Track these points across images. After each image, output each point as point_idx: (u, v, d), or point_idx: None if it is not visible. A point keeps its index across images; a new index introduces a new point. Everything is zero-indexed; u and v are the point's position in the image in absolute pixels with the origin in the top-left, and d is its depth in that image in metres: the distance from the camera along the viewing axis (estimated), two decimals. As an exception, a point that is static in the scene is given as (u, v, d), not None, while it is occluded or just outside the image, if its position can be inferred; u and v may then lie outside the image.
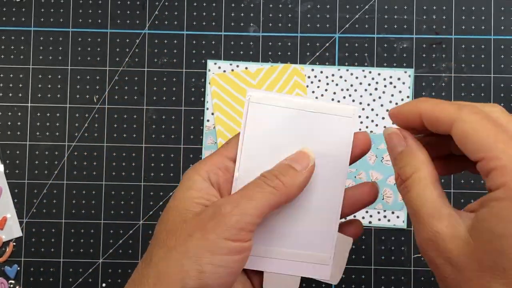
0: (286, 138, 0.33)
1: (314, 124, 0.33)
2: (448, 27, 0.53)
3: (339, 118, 0.33)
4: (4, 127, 0.53)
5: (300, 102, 0.33)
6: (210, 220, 0.29)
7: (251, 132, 0.33)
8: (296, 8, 0.54)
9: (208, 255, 0.28)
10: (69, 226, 0.52)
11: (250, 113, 0.33)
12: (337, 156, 0.33)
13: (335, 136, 0.33)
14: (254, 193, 0.30)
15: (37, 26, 0.54)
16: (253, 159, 0.33)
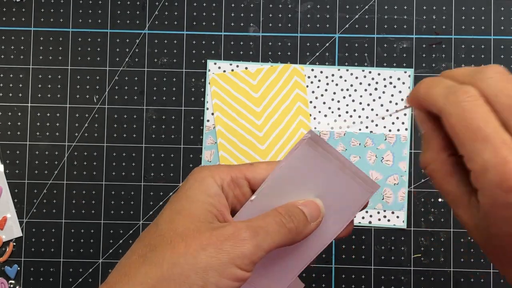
0: (310, 183, 0.33)
1: (340, 181, 0.33)
2: (448, 27, 0.53)
3: (363, 187, 0.34)
4: (4, 127, 0.53)
5: (341, 160, 0.33)
6: (227, 241, 0.29)
7: (288, 166, 0.33)
8: (296, 8, 0.54)
9: (216, 275, 0.28)
10: (69, 226, 0.52)
11: (299, 151, 0.33)
12: (341, 216, 0.34)
13: (350, 199, 0.34)
14: (272, 228, 0.30)
15: (37, 26, 0.54)
16: (274, 190, 0.33)
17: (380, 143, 0.52)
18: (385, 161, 0.52)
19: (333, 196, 0.33)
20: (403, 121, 0.52)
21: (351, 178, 0.33)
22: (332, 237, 0.34)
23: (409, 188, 0.52)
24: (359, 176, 0.33)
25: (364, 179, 0.33)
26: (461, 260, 0.51)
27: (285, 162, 0.33)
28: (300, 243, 0.33)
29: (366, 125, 0.52)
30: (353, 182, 0.33)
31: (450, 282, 0.51)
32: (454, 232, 0.52)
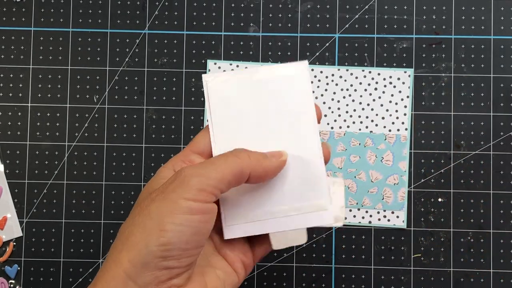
0: (251, 110, 0.34)
1: (273, 89, 0.34)
2: (448, 27, 0.53)
3: (293, 76, 0.34)
4: (4, 127, 0.53)
5: (254, 73, 0.34)
6: (172, 183, 0.30)
7: (217, 114, 0.34)
8: (296, 8, 0.54)
9: (169, 214, 0.29)
10: (69, 226, 0.53)
11: (211, 97, 0.34)
12: (303, 109, 0.34)
13: (295, 92, 0.34)
14: (217, 160, 0.31)
15: (37, 26, 0.54)
16: (226, 140, 0.34)
17: (380, 143, 0.52)
18: (385, 161, 0.52)
19: (280, 104, 0.34)
20: (403, 121, 0.52)
21: (276, 79, 0.34)
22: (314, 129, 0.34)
23: (409, 188, 0.52)
24: (281, 70, 0.34)
25: (288, 67, 0.34)
26: (461, 260, 0.51)
27: (210, 114, 0.34)
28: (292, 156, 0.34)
29: (366, 125, 0.52)
30: (281, 81, 0.34)
31: (450, 282, 0.51)
32: (454, 232, 0.52)
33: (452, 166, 0.52)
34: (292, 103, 0.34)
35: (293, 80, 0.34)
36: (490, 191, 0.52)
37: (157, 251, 0.28)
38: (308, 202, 0.34)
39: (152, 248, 0.28)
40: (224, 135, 0.34)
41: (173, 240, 0.28)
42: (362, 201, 0.52)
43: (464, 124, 0.53)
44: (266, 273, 0.52)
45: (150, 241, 0.28)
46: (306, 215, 0.34)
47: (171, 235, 0.28)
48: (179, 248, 0.29)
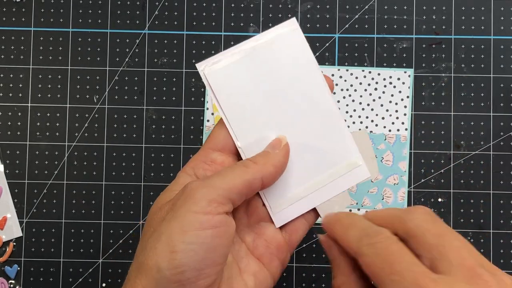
0: (258, 89, 0.33)
1: (270, 56, 0.34)
2: (448, 27, 0.53)
3: (284, 35, 0.34)
4: (4, 127, 0.53)
5: (246, 44, 0.34)
6: (179, 198, 0.28)
7: (225, 101, 0.33)
8: (296, 8, 0.54)
9: (179, 233, 0.27)
10: (69, 226, 0.53)
11: (212, 83, 0.33)
12: (307, 69, 0.34)
13: (292, 54, 0.34)
14: (223, 171, 0.30)
15: (37, 26, 0.54)
16: (244, 122, 0.33)
17: (380, 143, 0.52)
18: (385, 161, 0.52)
19: (283, 70, 0.33)
20: (403, 121, 0.52)
21: (271, 45, 0.33)
22: (325, 88, 0.34)
23: (409, 188, 0.52)
24: (272, 36, 0.34)
25: (276, 32, 0.34)
26: (461, 260, 0.51)
27: (218, 102, 0.33)
28: (310, 123, 0.33)
29: (366, 125, 0.52)
30: (276, 45, 0.33)
31: (450, 282, 0.51)
32: (454, 232, 0.52)
33: (452, 166, 0.52)
34: (295, 68, 0.33)
35: (287, 41, 0.34)
36: (490, 191, 0.52)
37: (170, 276, 0.26)
38: (341, 164, 0.34)
39: (165, 273, 0.26)
40: (242, 124, 0.33)
41: (185, 261, 0.26)
42: (362, 201, 0.52)
43: (464, 124, 0.53)
44: (266, 273, 0.52)
45: (161, 265, 0.26)
46: (343, 177, 0.34)
47: (182, 256, 0.26)
48: (193, 269, 0.27)
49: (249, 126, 0.33)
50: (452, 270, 0.24)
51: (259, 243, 0.33)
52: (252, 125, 0.33)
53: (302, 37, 0.34)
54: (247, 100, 0.33)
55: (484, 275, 0.24)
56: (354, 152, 0.34)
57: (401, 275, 0.24)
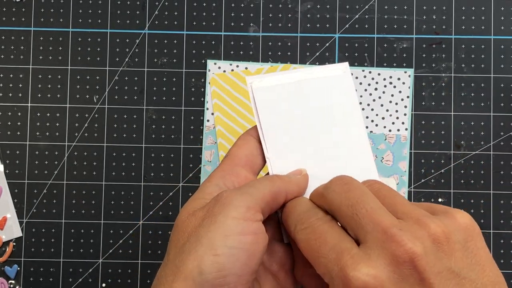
0: (297, 111, 0.34)
1: (316, 89, 0.34)
2: (448, 27, 0.53)
3: (335, 77, 0.34)
4: (4, 127, 0.53)
5: (298, 74, 0.34)
6: (215, 205, 0.29)
7: (265, 117, 0.34)
8: (296, 8, 0.54)
9: (221, 237, 0.27)
10: (69, 226, 0.53)
11: (258, 99, 0.34)
12: (347, 109, 0.34)
13: (339, 93, 0.34)
14: (252, 183, 0.30)
15: (37, 26, 0.54)
16: (277, 141, 0.34)
17: (380, 143, 0.52)
18: (385, 161, 0.52)
19: (324, 106, 0.34)
20: (403, 121, 0.52)
21: (320, 80, 0.34)
22: (361, 124, 0.34)
23: (409, 188, 0.52)
24: (323, 72, 0.34)
25: (328, 71, 0.34)
26: (461, 260, 0.51)
27: (258, 117, 0.34)
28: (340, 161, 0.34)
29: (366, 125, 0.52)
30: (324, 81, 0.34)
31: (450, 282, 0.51)
32: (454, 232, 0.52)
33: (452, 166, 0.52)
34: (338, 106, 0.34)
35: (337, 82, 0.34)
36: (490, 191, 0.52)
37: (212, 279, 0.26)
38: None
39: (208, 276, 0.26)
40: (275, 143, 0.34)
41: (228, 265, 0.27)
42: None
43: (464, 124, 0.53)
44: (266, 273, 0.52)
45: (204, 268, 0.26)
46: None
47: (226, 259, 0.26)
48: (234, 274, 0.27)
49: (282, 146, 0.34)
50: (367, 238, 0.24)
51: (273, 261, 0.33)
52: (284, 146, 0.34)
53: (351, 82, 0.34)
54: (285, 123, 0.34)
55: (396, 235, 0.23)
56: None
57: (326, 256, 0.25)
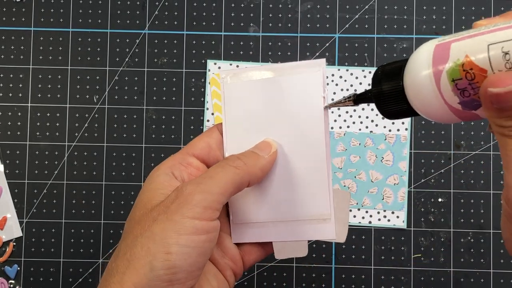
0: (264, 109, 0.34)
1: (286, 88, 0.34)
2: (448, 27, 0.53)
3: (307, 75, 0.33)
4: (4, 127, 0.53)
5: (270, 69, 0.34)
6: (174, 201, 0.29)
7: (231, 112, 0.34)
8: (296, 8, 0.54)
9: (174, 236, 0.28)
10: (69, 226, 0.53)
11: (227, 95, 0.34)
12: (312, 112, 0.34)
13: (307, 93, 0.34)
14: (215, 173, 0.30)
15: (37, 26, 0.54)
16: (238, 137, 0.34)
17: (380, 143, 0.52)
18: (385, 161, 0.52)
19: (292, 105, 0.33)
20: (403, 121, 0.52)
21: (292, 77, 0.33)
22: (322, 136, 0.34)
23: (409, 188, 0.52)
24: (300, 68, 0.33)
25: (307, 65, 0.33)
26: (461, 260, 0.51)
27: (224, 111, 0.34)
28: (297, 163, 0.33)
29: (366, 125, 0.52)
30: (296, 79, 0.33)
31: (450, 282, 0.51)
32: (454, 232, 0.52)
33: (452, 166, 0.52)
34: (305, 106, 0.34)
35: (308, 80, 0.34)
36: (490, 191, 0.52)
37: (163, 275, 0.27)
38: (311, 211, 0.33)
39: (158, 272, 0.27)
40: (236, 131, 0.34)
41: (179, 263, 0.27)
42: (362, 201, 0.52)
43: (464, 124, 0.53)
44: (266, 273, 0.52)
45: (155, 265, 0.27)
46: (307, 226, 0.33)
47: (177, 257, 0.27)
48: (185, 271, 0.28)
49: (243, 139, 0.34)
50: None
51: (215, 251, 0.34)
52: (245, 138, 0.34)
53: (321, 80, 0.34)
54: (249, 119, 0.34)
55: None
56: (328, 208, 0.33)
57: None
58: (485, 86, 0.22)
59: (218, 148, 0.34)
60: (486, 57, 0.22)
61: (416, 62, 0.25)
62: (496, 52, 0.21)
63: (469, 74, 0.22)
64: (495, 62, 0.21)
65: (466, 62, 0.22)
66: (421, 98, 0.25)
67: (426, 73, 0.24)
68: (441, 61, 0.23)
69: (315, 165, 0.33)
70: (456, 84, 0.23)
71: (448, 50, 0.23)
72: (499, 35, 0.22)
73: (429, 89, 0.24)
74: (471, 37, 0.23)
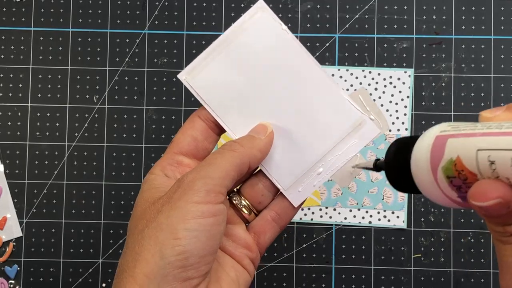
0: (240, 78, 0.34)
1: (246, 45, 0.33)
2: (448, 27, 0.53)
3: (255, 23, 0.33)
4: (4, 127, 0.53)
5: (220, 41, 0.34)
6: (176, 191, 0.29)
7: (212, 100, 0.34)
8: (296, 8, 0.54)
9: (181, 221, 0.28)
10: (69, 226, 0.52)
11: (197, 89, 0.34)
12: (286, 47, 0.33)
13: (269, 35, 0.33)
14: (214, 158, 0.30)
15: (37, 26, 0.54)
16: (236, 118, 0.34)
17: (380, 143, 0.52)
18: (385, 161, 0.52)
19: (265, 58, 0.33)
20: (403, 121, 0.52)
21: (243, 32, 0.33)
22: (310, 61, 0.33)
23: (409, 188, 0.52)
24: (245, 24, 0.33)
25: (249, 16, 0.33)
26: (461, 260, 0.51)
27: (204, 103, 0.34)
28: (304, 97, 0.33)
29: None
30: (249, 31, 0.33)
31: (450, 282, 0.51)
32: (454, 232, 0.52)
33: (452, 166, 0.52)
34: (274, 50, 0.33)
35: (261, 26, 0.33)
36: (490, 191, 0.52)
37: (175, 261, 0.27)
38: (344, 127, 0.33)
39: (170, 259, 0.27)
40: (235, 119, 0.34)
41: (189, 247, 0.27)
42: (362, 201, 0.52)
43: (464, 124, 0.52)
44: (266, 273, 0.52)
45: (165, 251, 0.27)
46: (351, 140, 0.33)
47: (187, 242, 0.27)
48: (196, 255, 0.27)
49: (243, 119, 0.33)
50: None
51: (227, 243, 0.33)
52: (245, 117, 0.33)
53: (271, 17, 0.33)
54: (235, 95, 0.34)
55: None
56: (356, 113, 0.33)
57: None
58: (468, 196, 0.21)
59: (205, 138, 0.34)
60: (475, 163, 0.21)
61: (418, 153, 0.24)
62: (483, 160, 0.21)
63: (461, 175, 0.22)
64: (483, 169, 0.21)
65: (458, 163, 0.22)
66: (424, 189, 0.24)
67: (426, 166, 0.24)
68: (438, 157, 0.23)
69: (320, 88, 0.33)
70: (451, 181, 0.22)
71: (444, 146, 0.23)
72: (488, 141, 0.21)
73: (429, 182, 0.24)
74: (466, 136, 0.22)
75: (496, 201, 0.20)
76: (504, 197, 0.20)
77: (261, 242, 0.35)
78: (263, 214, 0.35)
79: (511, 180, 0.20)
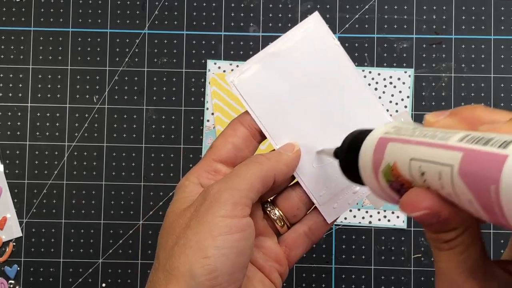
0: (286, 86, 0.33)
1: (296, 56, 0.33)
2: (448, 27, 0.53)
3: (309, 34, 0.33)
4: (4, 127, 0.53)
5: (273, 48, 0.34)
6: (202, 204, 0.29)
7: (258, 107, 0.33)
8: (296, 8, 0.54)
9: (210, 238, 0.27)
10: (69, 226, 0.52)
11: (244, 93, 0.33)
12: (335, 63, 0.33)
13: (320, 50, 0.33)
14: (240, 171, 0.30)
15: (37, 26, 0.54)
16: (280, 125, 0.33)
17: (380, 143, 0.52)
18: (385, 161, 0.52)
19: (312, 68, 0.33)
20: (403, 121, 0.52)
21: (296, 44, 0.33)
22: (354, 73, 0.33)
23: (409, 188, 0.52)
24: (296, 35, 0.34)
25: (303, 27, 0.33)
26: (461, 260, 0.51)
27: (250, 110, 0.33)
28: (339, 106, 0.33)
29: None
30: (303, 44, 0.33)
31: (450, 282, 0.51)
32: (454, 232, 0.52)
33: (452, 166, 0.52)
34: (322, 61, 0.33)
35: (313, 38, 0.33)
36: (490, 191, 0.52)
37: (204, 281, 0.27)
38: None
39: (199, 279, 0.27)
40: (278, 128, 0.33)
41: (219, 265, 0.27)
42: (362, 201, 0.52)
43: (464, 124, 0.52)
44: (266, 273, 0.52)
45: (195, 271, 0.27)
46: None
47: (215, 260, 0.27)
48: (225, 273, 0.27)
49: (285, 129, 0.33)
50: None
51: (257, 255, 0.33)
52: (287, 127, 0.33)
53: (325, 30, 0.33)
54: (280, 104, 0.33)
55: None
56: (386, 119, 0.33)
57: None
58: (399, 206, 0.22)
59: (246, 146, 0.33)
60: (407, 171, 0.21)
61: (364, 152, 0.24)
62: (415, 170, 0.21)
63: (398, 180, 0.22)
64: (416, 178, 0.21)
65: (394, 170, 0.22)
66: (369, 185, 0.24)
67: (369, 165, 0.24)
68: (379, 159, 0.23)
69: (365, 107, 0.33)
70: (391, 184, 0.23)
71: (384, 150, 0.23)
72: (421, 151, 0.20)
73: (373, 180, 0.24)
74: (403, 142, 0.22)
75: (423, 212, 0.20)
76: (431, 209, 0.20)
77: (292, 256, 0.34)
78: (296, 228, 0.34)
79: (440, 192, 0.20)
